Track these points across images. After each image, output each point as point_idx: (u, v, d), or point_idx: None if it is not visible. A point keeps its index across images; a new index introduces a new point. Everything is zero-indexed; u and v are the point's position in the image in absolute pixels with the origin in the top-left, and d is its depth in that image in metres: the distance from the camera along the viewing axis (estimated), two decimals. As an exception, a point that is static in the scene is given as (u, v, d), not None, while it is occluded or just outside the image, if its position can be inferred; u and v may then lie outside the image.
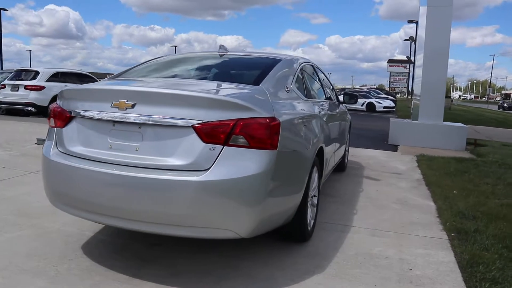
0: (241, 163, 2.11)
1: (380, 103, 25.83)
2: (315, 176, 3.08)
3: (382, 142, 9.74)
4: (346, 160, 5.76)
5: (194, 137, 2.12)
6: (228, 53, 3.40)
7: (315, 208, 3.21)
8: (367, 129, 12.82)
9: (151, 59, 3.51)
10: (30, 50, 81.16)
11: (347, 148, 5.82)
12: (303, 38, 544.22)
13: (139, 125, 2.21)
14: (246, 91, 2.47)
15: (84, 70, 17.88)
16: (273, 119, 2.25)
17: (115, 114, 2.24)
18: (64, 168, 2.35)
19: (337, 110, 4.60)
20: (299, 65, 3.31)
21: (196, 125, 2.11)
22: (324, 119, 3.46)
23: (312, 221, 3.14)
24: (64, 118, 2.47)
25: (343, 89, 46.60)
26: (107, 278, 2.37)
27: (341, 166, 5.53)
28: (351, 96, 5.05)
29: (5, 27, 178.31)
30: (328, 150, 3.53)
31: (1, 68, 26.62)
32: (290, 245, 2.95)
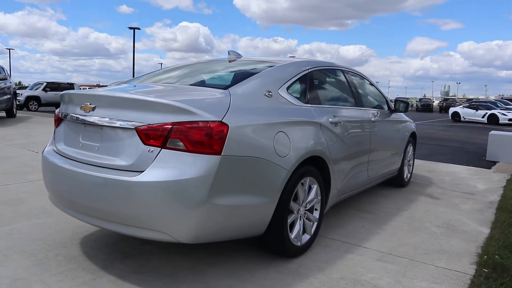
0: (178, 166, 2.09)
1: (505, 115, 22.67)
2: (308, 187, 2.86)
3: (481, 157, 8.48)
4: (406, 174, 5.17)
5: (137, 139, 2.17)
6: (237, 59, 3.39)
7: (312, 223, 2.97)
8: (468, 142, 11.30)
9: (166, 67, 3.69)
10: (161, 64, 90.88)
11: (408, 161, 5.23)
12: (432, 45, 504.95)
13: (100, 126, 2.35)
14: (202, 95, 2.44)
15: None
16: (219, 123, 2.17)
17: (81, 116, 2.43)
18: (48, 164, 2.63)
19: (383, 118, 4.19)
20: (303, 70, 3.11)
21: (139, 128, 2.16)
22: (337, 127, 3.18)
23: (307, 236, 2.91)
24: (57, 119, 2.78)
25: (469, 100, 41.71)
26: (78, 267, 2.56)
27: (397, 181, 5.00)
28: (402, 102, 4.55)
29: (145, 44, 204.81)
30: (342, 160, 3.24)
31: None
32: (275, 259, 2.78)
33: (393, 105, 4.56)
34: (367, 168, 3.83)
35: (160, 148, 2.11)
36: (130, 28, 36.91)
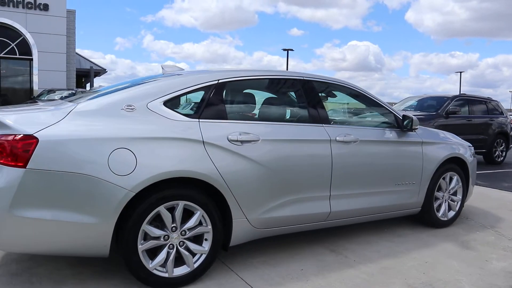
0: None
1: None
2: (183, 213, 2.54)
3: None
4: (444, 212, 3.98)
5: None
6: (166, 73, 3.23)
7: (199, 255, 2.63)
8: None
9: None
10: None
11: (450, 196, 4.03)
12: None
13: None
14: (40, 110, 2.48)
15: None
16: (27, 136, 2.18)
17: None
18: None
19: (374, 138, 3.37)
20: (203, 82, 2.78)
21: None
22: (247, 146, 2.74)
23: (182, 268, 2.58)
24: None
25: None
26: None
27: (426, 219, 3.92)
28: (407, 119, 3.53)
29: (315, 64, 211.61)
30: (260, 187, 2.76)
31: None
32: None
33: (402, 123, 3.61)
34: (328, 199, 3.13)
35: None
36: (284, 49, 38.93)
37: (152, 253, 2.53)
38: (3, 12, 16.66)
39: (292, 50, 40.62)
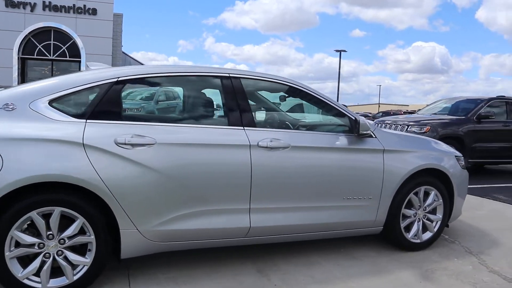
0: None
1: None
2: (59, 220, 2.33)
3: None
4: (416, 232, 3.38)
5: None
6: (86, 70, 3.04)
7: (64, 262, 2.39)
8: None
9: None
10: (380, 85, 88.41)
11: (425, 214, 3.42)
12: None
13: None
14: None
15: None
16: None
17: None
18: None
19: (312, 144, 2.93)
20: (95, 81, 2.54)
21: None
22: (138, 150, 2.46)
23: None
24: None
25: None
26: None
27: (392, 240, 3.36)
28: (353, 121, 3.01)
29: (377, 66, 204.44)
30: (153, 195, 2.48)
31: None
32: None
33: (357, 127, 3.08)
34: (248, 212, 2.75)
35: None
36: (337, 50, 37.82)
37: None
38: (56, 17, 17.81)
39: (345, 51, 39.56)
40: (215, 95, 2.89)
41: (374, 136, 3.18)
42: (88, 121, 2.47)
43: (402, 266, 3.09)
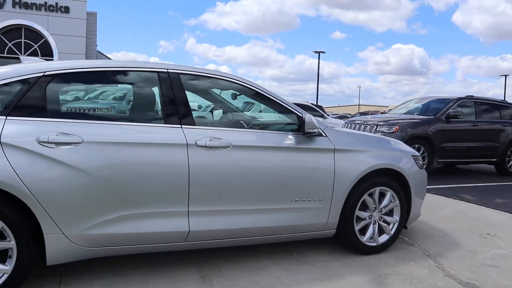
0: None
1: None
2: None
3: None
4: (371, 236, 3.24)
5: None
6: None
7: None
8: None
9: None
10: (359, 87, 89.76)
11: (381, 216, 3.32)
12: None
13: None
14: None
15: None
16: None
17: None
18: None
19: (255, 144, 2.79)
20: (15, 76, 2.36)
21: None
22: (62, 149, 2.27)
23: None
24: None
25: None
26: None
27: (345, 243, 3.24)
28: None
29: (357, 68, 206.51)
30: (78, 197, 2.29)
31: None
32: None
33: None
34: (186, 215, 2.59)
35: None
36: (316, 52, 38.00)
37: None
38: (27, 15, 17.30)
39: (323, 52, 39.58)
40: (152, 92, 2.72)
41: (324, 135, 3.06)
42: (8, 117, 2.27)
43: (354, 271, 2.97)
